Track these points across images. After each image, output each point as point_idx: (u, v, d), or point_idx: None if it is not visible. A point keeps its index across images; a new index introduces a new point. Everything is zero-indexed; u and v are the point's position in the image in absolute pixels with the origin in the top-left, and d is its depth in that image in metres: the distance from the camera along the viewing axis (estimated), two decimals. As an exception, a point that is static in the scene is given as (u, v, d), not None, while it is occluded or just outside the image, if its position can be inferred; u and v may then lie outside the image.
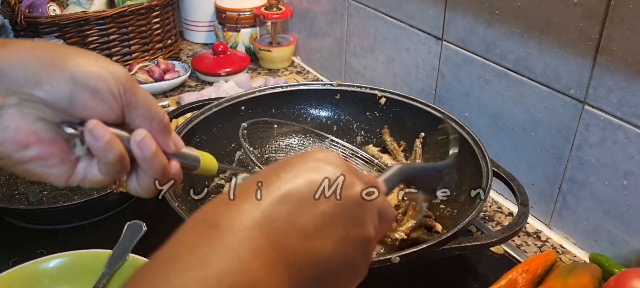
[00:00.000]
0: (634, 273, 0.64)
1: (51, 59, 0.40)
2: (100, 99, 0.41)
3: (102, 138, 0.42)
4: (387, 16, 1.06)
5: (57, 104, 0.40)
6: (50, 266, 0.66)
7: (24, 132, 0.40)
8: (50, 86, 0.40)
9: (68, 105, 0.41)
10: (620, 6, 0.66)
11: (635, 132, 0.69)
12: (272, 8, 1.34)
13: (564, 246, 0.82)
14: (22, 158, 0.41)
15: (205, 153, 0.52)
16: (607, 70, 0.70)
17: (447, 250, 0.64)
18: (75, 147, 0.43)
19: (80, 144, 0.43)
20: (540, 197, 0.85)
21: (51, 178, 0.43)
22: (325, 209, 0.36)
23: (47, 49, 0.41)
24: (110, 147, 0.42)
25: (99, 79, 0.41)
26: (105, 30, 1.21)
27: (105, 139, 0.42)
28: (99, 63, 0.42)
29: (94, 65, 0.41)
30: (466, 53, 0.90)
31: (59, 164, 0.43)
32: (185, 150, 0.49)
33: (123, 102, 0.43)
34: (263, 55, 1.36)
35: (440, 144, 0.68)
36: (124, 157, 0.43)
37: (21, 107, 0.40)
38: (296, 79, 1.33)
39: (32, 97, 0.40)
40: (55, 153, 0.42)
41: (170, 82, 1.21)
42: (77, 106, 0.41)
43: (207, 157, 0.52)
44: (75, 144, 0.43)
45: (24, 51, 0.40)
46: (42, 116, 0.41)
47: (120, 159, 0.43)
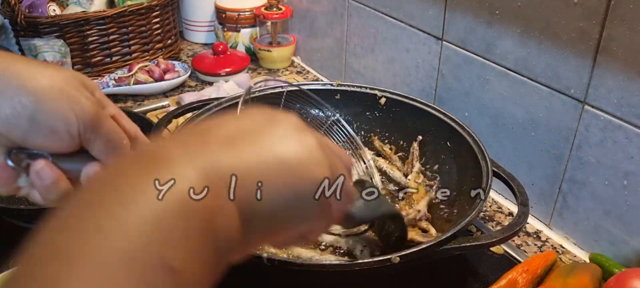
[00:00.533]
0: (634, 273, 0.64)
1: (15, 84, 0.38)
2: (58, 139, 0.40)
3: (47, 180, 0.41)
4: (387, 16, 1.06)
5: (11, 136, 0.39)
6: (50, 266, 0.65)
7: None
8: (7, 119, 0.38)
9: (22, 139, 0.40)
10: (620, 6, 0.66)
11: (635, 132, 0.69)
12: (272, 8, 1.34)
13: (564, 246, 0.82)
14: None
15: None
16: (607, 70, 0.70)
17: (447, 250, 0.64)
18: (20, 178, 0.42)
19: (25, 176, 0.42)
20: (540, 197, 0.85)
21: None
22: (244, 122, 0.36)
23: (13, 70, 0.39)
24: (54, 189, 0.41)
25: (61, 120, 0.39)
26: (105, 30, 1.21)
27: (50, 181, 0.41)
28: (65, 98, 0.40)
29: (59, 102, 0.39)
30: (466, 53, 0.90)
31: (3, 185, 0.42)
32: None
33: (82, 139, 0.41)
34: (263, 55, 1.36)
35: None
36: (67, 193, 0.42)
37: None
38: (296, 79, 1.33)
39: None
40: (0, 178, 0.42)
41: (170, 82, 1.21)
42: (31, 142, 0.40)
43: None
44: (20, 175, 0.42)
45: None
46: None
47: (63, 197, 0.42)
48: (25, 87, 0.39)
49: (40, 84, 0.39)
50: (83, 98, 0.41)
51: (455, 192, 0.81)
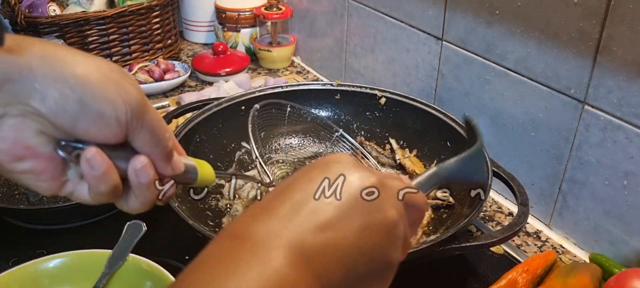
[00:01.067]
0: (634, 273, 0.64)
1: (63, 71, 0.38)
2: (105, 124, 0.39)
3: (98, 169, 0.40)
4: (387, 16, 1.06)
5: (60, 122, 0.38)
6: (50, 266, 0.66)
7: (21, 145, 0.38)
8: (55, 104, 0.38)
9: (71, 126, 0.39)
10: (620, 6, 0.66)
11: (635, 132, 0.69)
12: (272, 8, 1.34)
13: (564, 246, 0.82)
14: (15, 169, 0.40)
15: (204, 164, 0.51)
16: (607, 70, 0.70)
17: (447, 250, 0.64)
18: (69, 169, 0.42)
19: (75, 166, 0.41)
20: (540, 197, 0.85)
21: (38, 190, 0.42)
22: (339, 202, 0.36)
23: (62, 58, 0.39)
24: (104, 179, 0.41)
25: (109, 104, 0.39)
26: (105, 30, 1.21)
27: (101, 170, 0.40)
28: (114, 83, 0.40)
29: (108, 86, 0.39)
30: (466, 53, 0.90)
31: (50, 180, 0.41)
32: (183, 170, 0.47)
33: (128, 127, 0.41)
34: (263, 55, 1.36)
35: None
36: (118, 187, 0.42)
37: (23, 119, 0.38)
38: (296, 79, 1.33)
39: (36, 111, 0.38)
40: (48, 170, 0.41)
41: (170, 82, 1.21)
42: (80, 128, 0.39)
43: (205, 169, 0.50)
44: (69, 167, 0.41)
45: (35, 58, 0.38)
46: (42, 130, 0.39)
47: (113, 189, 0.42)
48: (73, 71, 0.38)
49: (86, 69, 0.39)
50: (128, 84, 0.41)
51: (455, 192, 0.81)
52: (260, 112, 0.83)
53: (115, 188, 0.42)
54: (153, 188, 0.44)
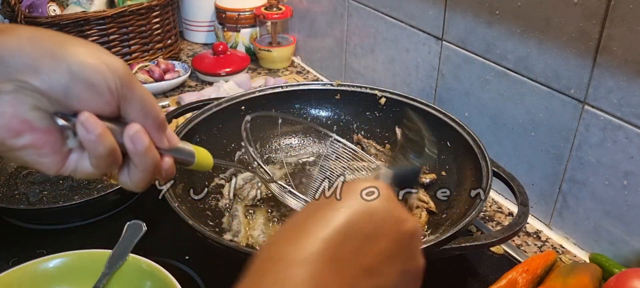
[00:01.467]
0: (634, 273, 0.64)
1: (51, 47, 0.40)
2: (96, 93, 0.42)
3: (93, 131, 0.42)
4: (387, 16, 1.06)
5: (53, 94, 0.40)
6: (50, 266, 0.66)
7: (18, 120, 0.40)
8: (47, 76, 0.40)
9: (64, 97, 0.41)
10: (620, 6, 0.66)
11: (635, 132, 0.69)
12: (272, 8, 1.34)
13: (564, 246, 0.82)
14: (15, 145, 0.41)
15: (201, 149, 0.52)
16: (607, 70, 0.70)
17: (447, 250, 0.64)
18: (68, 139, 0.43)
19: (73, 136, 0.43)
20: (540, 197, 0.85)
21: (42, 167, 0.43)
22: (384, 246, 0.37)
23: (48, 38, 0.41)
24: (101, 140, 0.42)
25: (97, 72, 0.41)
26: (105, 30, 1.21)
27: (96, 131, 0.42)
28: (98, 55, 0.42)
29: (92, 57, 0.41)
30: (466, 53, 0.90)
31: (51, 154, 0.43)
32: (180, 145, 0.49)
33: (119, 96, 0.43)
34: (263, 55, 1.36)
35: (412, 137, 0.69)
36: (115, 151, 0.43)
37: (17, 95, 0.40)
38: (296, 79, 1.33)
39: (29, 85, 0.40)
40: (48, 143, 0.42)
41: (170, 82, 1.21)
42: (73, 98, 0.41)
43: (203, 152, 0.52)
44: (68, 136, 0.43)
45: (24, 38, 0.40)
46: (37, 105, 0.41)
47: (111, 152, 0.43)
48: (60, 48, 0.41)
49: (72, 45, 0.42)
50: (112, 58, 0.43)
51: (455, 192, 0.81)
52: (252, 122, 0.84)
53: (112, 150, 0.43)
54: (151, 156, 0.45)
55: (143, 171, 0.45)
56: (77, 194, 0.87)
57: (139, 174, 0.45)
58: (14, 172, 0.92)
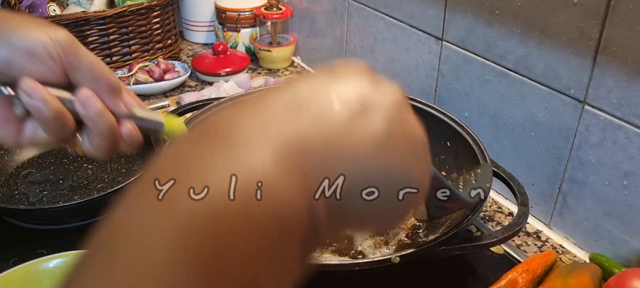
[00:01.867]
0: (634, 273, 0.64)
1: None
2: (38, 61, 0.43)
3: (35, 95, 0.43)
4: (387, 16, 1.06)
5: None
6: (50, 266, 0.66)
7: None
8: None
9: (6, 68, 0.43)
10: (620, 6, 0.66)
11: (635, 132, 0.69)
12: (272, 8, 1.34)
13: (564, 246, 0.82)
14: None
15: (173, 117, 0.52)
16: (607, 70, 0.70)
17: (447, 250, 0.64)
18: (15, 107, 0.45)
19: (21, 104, 0.44)
20: (540, 197, 0.85)
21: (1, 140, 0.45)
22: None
23: None
24: (45, 104, 0.43)
25: (36, 41, 0.43)
26: (105, 30, 1.21)
27: (38, 95, 0.43)
28: (39, 27, 0.44)
29: (33, 29, 0.43)
30: (466, 53, 0.90)
31: (4, 124, 0.45)
32: (140, 112, 0.49)
33: (64, 64, 0.44)
34: (263, 55, 1.36)
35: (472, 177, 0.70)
36: (63, 114, 0.44)
37: None
38: (296, 79, 1.33)
39: None
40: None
41: (170, 82, 1.21)
42: (14, 68, 0.43)
43: (175, 121, 0.52)
44: (15, 104, 0.45)
45: None
46: None
47: (57, 116, 0.44)
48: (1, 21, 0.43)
49: (13, 20, 0.44)
50: (55, 27, 0.45)
51: (455, 192, 0.80)
52: None
53: (58, 114, 0.44)
54: (105, 120, 0.46)
55: (99, 136, 0.46)
56: (77, 194, 0.87)
57: (97, 140, 0.47)
58: (14, 172, 0.92)
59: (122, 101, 0.48)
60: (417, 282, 0.73)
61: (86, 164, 0.94)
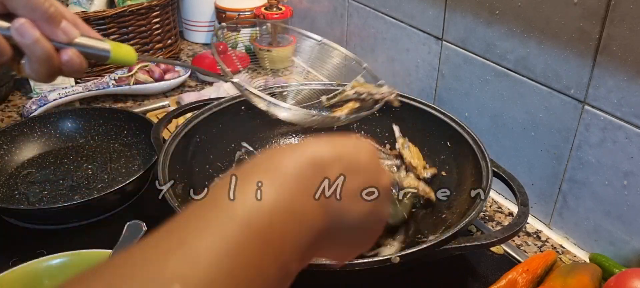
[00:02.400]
0: (634, 273, 0.64)
1: None
2: None
3: None
4: (387, 16, 1.06)
5: None
6: (51, 266, 0.66)
7: None
8: None
9: None
10: (620, 6, 0.66)
11: (635, 132, 0.69)
12: (272, 8, 1.34)
13: (564, 246, 0.82)
14: None
15: (123, 45, 0.54)
16: (607, 70, 0.70)
17: (447, 250, 0.64)
18: None
19: None
20: (540, 197, 0.85)
21: None
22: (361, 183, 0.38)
23: None
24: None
25: None
26: (105, 30, 1.21)
27: None
28: None
29: None
30: (466, 53, 0.90)
31: None
32: (81, 40, 0.52)
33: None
34: (263, 55, 1.36)
35: None
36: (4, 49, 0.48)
37: None
38: (296, 79, 1.33)
39: None
40: None
41: (170, 82, 1.21)
42: None
43: (124, 49, 0.54)
44: None
45: None
46: None
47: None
48: None
49: None
50: None
51: (455, 192, 0.81)
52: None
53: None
54: (41, 47, 0.49)
55: (37, 62, 0.49)
56: (77, 194, 0.87)
57: (36, 66, 0.50)
58: (14, 172, 0.92)
59: (60, 30, 0.50)
60: (417, 282, 0.73)
61: (86, 164, 0.94)
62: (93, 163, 0.95)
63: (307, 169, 0.34)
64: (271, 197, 0.31)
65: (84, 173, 0.92)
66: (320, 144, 0.37)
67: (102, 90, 1.17)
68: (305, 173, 0.34)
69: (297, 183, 0.33)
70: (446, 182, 0.84)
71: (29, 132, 0.97)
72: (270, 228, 0.30)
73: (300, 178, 0.34)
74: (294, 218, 0.32)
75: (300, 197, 0.33)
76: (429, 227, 0.79)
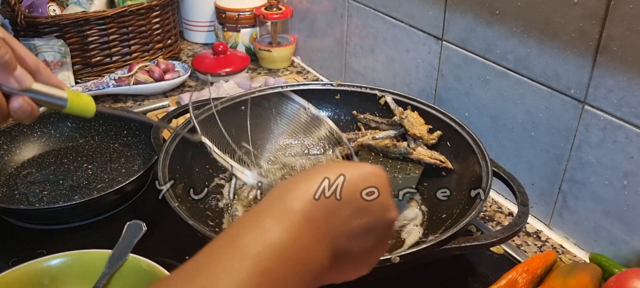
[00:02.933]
0: (634, 273, 0.64)
1: None
2: None
3: None
4: (387, 16, 1.06)
5: None
6: (51, 266, 0.66)
7: None
8: None
9: None
10: (620, 6, 0.66)
11: (635, 132, 0.69)
12: (272, 8, 1.34)
13: (564, 246, 0.82)
14: None
15: (82, 95, 0.53)
16: (607, 70, 0.70)
17: (447, 250, 0.64)
18: None
19: None
20: (540, 197, 0.85)
21: None
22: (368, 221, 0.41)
23: None
24: None
25: None
26: (105, 30, 1.21)
27: None
28: None
29: None
30: (466, 53, 0.90)
31: None
32: (36, 86, 0.50)
33: None
34: (263, 55, 1.36)
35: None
36: None
37: None
38: (296, 79, 1.33)
39: None
40: None
41: (170, 82, 1.21)
42: None
43: (83, 99, 0.53)
44: None
45: None
46: None
47: None
48: None
49: None
50: None
51: (455, 192, 0.81)
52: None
53: None
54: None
55: None
56: (77, 194, 0.87)
57: None
58: (14, 172, 0.92)
59: (13, 77, 0.49)
60: (417, 282, 0.73)
61: (86, 164, 0.95)
62: (93, 163, 0.95)
63: (314, 211, 0.37)
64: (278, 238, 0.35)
65: (84, 173, 0.92)
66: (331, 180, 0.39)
67: (102, 90, 1.17)
68: (312, 215, 0.37)
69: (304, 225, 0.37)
70: (446, 182, 0.84)
71: (29, 132, 0.97)
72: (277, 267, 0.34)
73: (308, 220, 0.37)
74: (299, 257, 0.35)
75: (308, 236, 0.36)
76: (428, 227, 0.79)
